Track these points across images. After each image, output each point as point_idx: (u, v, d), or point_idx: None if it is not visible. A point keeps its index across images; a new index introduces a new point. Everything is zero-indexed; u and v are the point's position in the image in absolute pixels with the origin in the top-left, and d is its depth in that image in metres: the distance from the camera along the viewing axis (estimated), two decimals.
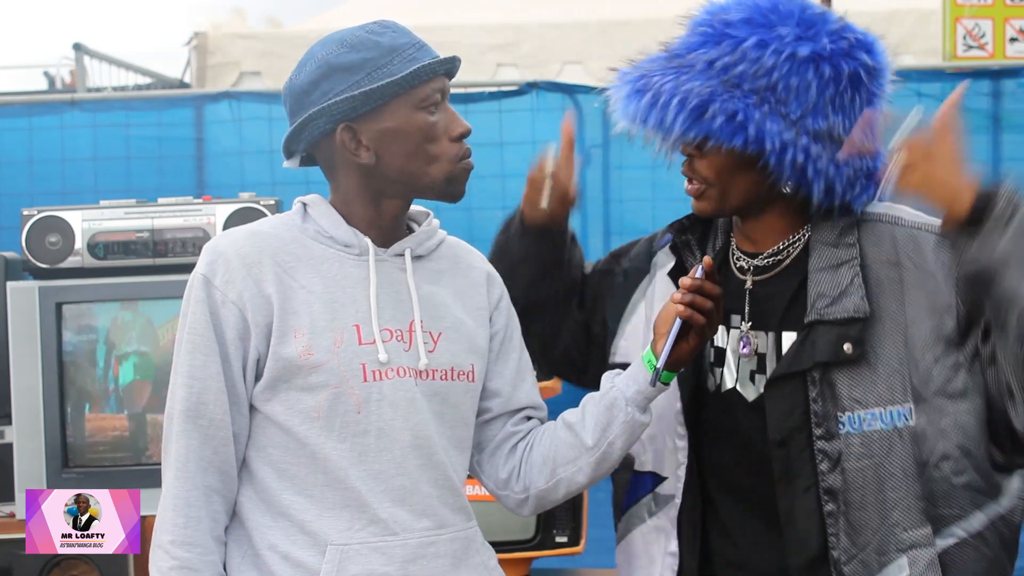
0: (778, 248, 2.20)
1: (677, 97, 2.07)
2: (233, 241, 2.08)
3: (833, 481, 2.08)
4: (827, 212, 2.16)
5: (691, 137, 2.09)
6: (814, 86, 2.08)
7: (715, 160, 2.12)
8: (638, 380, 2.15)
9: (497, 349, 2.23)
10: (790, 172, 2.09)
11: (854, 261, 2.12)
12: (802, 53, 2.08)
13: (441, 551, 2.09)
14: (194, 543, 2.03)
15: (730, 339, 2.21)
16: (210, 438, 2.04)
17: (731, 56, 2.08)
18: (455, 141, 2.09)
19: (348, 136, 2.06)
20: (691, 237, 2.27)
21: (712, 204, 2.17)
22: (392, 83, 2.03)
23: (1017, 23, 5.59)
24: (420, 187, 2.09)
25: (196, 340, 2.05)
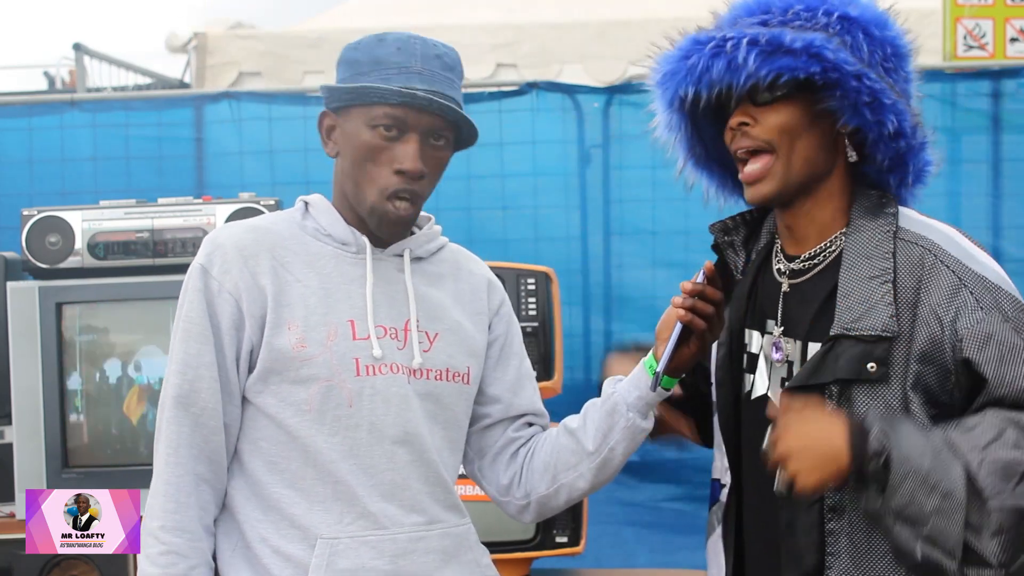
0: (815, 251, 2.13)
1: (746, 38, 2.01)
2: (232, 234, 2.10)
3: (839, 500, 2.04)
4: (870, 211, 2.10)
5: (763, 74, 2.01)
6: (866, 46, 2.06)
7: (777, 118, 2.06)
8: (639, 386, 2.14)
9: (497, 355, 2.23)
10: (866, 102, 2.02)
11: (888, 275, 2.04)
12: (852, 13, 2.06)
13: (431, 547, 2.09)
14: (183, 529, 2.03)
15: (764, 344, 2.16)
16: (201, 426, 2.05)
17: (783, 16, 2.05)
18: (396, 174, 2.06)
19: (327, 122, 2.13)
20: (736, 238, 2.23)
21: (776, 182, 2.08)
22: (347, 90, 2.06)
23: (1017, 23, 5.59)
24: (358, 201, 2.10)
25: (191, 328, 2.06)
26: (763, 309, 2.17)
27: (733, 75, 2.02)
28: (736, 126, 2.09)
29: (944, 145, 4.94)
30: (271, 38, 7.37)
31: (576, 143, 5.06)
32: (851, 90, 2.02)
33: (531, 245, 4.92)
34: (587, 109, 5.05)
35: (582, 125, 5.06)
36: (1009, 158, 4.95)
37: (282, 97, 5.01)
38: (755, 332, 2.18)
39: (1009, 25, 5.60)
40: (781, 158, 2.08)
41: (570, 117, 5.05)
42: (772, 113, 2.07)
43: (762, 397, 2.15)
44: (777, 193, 2.10)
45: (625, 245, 5.00)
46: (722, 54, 2.02)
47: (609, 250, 5.00)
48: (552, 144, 5.04)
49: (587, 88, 5.25)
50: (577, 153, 5.07)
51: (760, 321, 2.17)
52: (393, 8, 7.15)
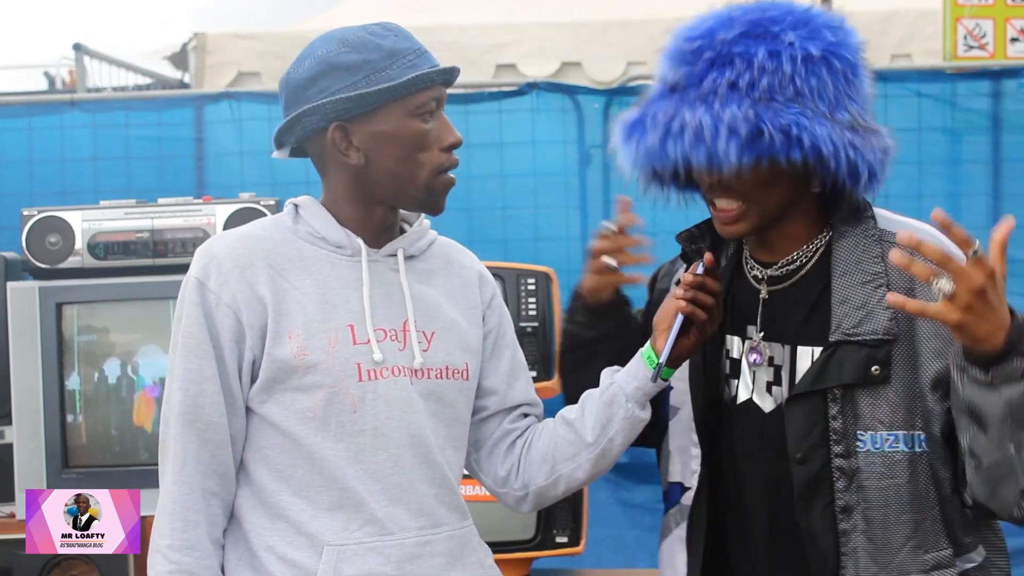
0: (793, 257, 2.16)
1: (724, 126, 2.00)
2: (226, 244, 2.08)
3: (849, 499, 2.07)
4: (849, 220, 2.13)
5: (745, 163, 2.02)
6: (830, 82, 2.05)
7: (748, 182, 2.07)
8: (638, 376, 2.15)
9: (491, 347, 2.23)
10: (845, 169, 2.04)
11: (881, 279, 2.08)
12: (814, 52, 2.05)
13: (437, 550, 2.09)
14: (192, 547, 2.03)
15: (745, 350, 2.19)
16: (207, 441, 2.04)
17: (750, 73, 2.03)
18: (444, 151, 2.09)
19: (339, 135, 2.06)
20: (703, 245, 2.24)
21: (750, 223, 2.11)
22: (390, 88, 2.02)
23: (1018, 23, 5.58)
24: (404, 194, 2.09)
25: (191, 344, 2.05)
26: (742, 314, 2.18)
27: (714, 164, 2.03)
28: (711, 183, 2.10)
29: (944, 145, 4.94)
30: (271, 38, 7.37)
31: (576, 143, 5.06)
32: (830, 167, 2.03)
33: (531, 245, 4.91)
34: (587, 109, 5.04)
35: (582, 125, 5.05)
36: (1009, 158, 4.95)
37: None
38: (736, 338, 2.20)
39: (1009, 25, 5.60)
40: (756, 205, 2.10)
41: (570, 117, 5.05)
42: (742, 179, 2.07)
43: (747, 402, 2.18)
44: (753, 230, 2.14)
45: None
46: (700, 143, 2.02)
47: None
48: (552, 144, 5.04)
49: (587, 88, 5.25)
50: (577, 153, 5.07)
51: (740, 327, 2.19)
52: (393, 8, 7.15)
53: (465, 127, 4.93)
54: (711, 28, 2.08)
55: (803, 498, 2.10)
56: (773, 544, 2.16)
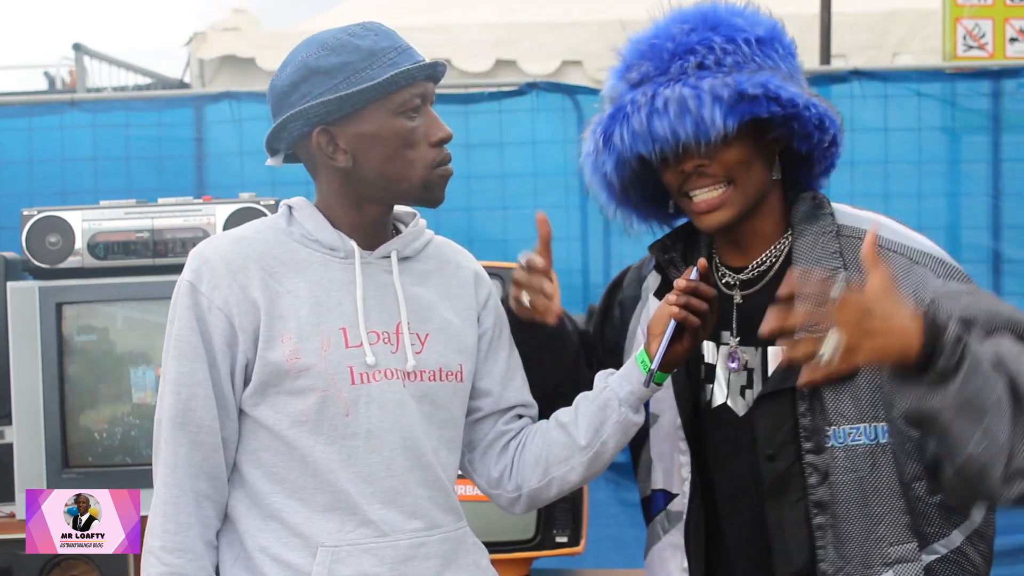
0: (762, 259, 2.20)
1: (707, 94, 2.06)
2: (218, 247, 2.08)
3: (823, 494, 2.09)
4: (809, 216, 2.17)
5: (730, 126, 2.06)
6: (781, 63, 2.13)
7: (732, 154, 2.11)
8: (631, 380, 2.15)
9: (486, 348, 2.23)
10: (814, 127, 2.10)
11: (839, 273, 2.10)
12: (761, 34, 2.12)
13: (432, 552, 2.09)
14: (184, 549, 2.03)
15: (720, 355, 2.21)
16: (199, 444, 2.05)
17: (714, 55, 2.09)
18: (434, 146, 2.07)
19: (324, 139, 2.06)
20: (675, 254, 2.27)
21: (734, 208, 2.14)
22: (369, 88, 2.02)
23: (1017, 23, 5.59)
24: (398, 192, 2.09)
25: (183, 347, 2.05)
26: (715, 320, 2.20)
27: (701, 132, 2.07)
28: (692, 169, 2.13)
29: (944, 145, 4.94)
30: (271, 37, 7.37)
31: (576, 143, 5.03)
32: (805, 120, 2.09)
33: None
34: (587, 109, 5.04)
35: (582, 125, 5.03)
36: (1009, 158, 4.95)
37: None
38: (710, 343, 2.22)
39: (1009, 25, 5.60)
40: (739, 187, 2.14)
41: (570, 117, 5.05)
42: (726, 151, 2.11)
43: (722, 406, 2.20)
44: (734, 219, 2.16)
45: (625, 245, 4.99)
46: (687, 114, 2.06)
47: (609, 250, 4.99)
48: (552, 144, 5.04)
49: (587, 88, 5.24)
50: (577, 153, 5.04)
51: (714, 332, 2.20)
52: (393, 8, 7.15)
53: (465, 127, 4.94)
54: (664, 27, 2.15)
55: (772, 494, 2.12)
56: (748, 545, 2.18)
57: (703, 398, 2.23)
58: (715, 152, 2.11)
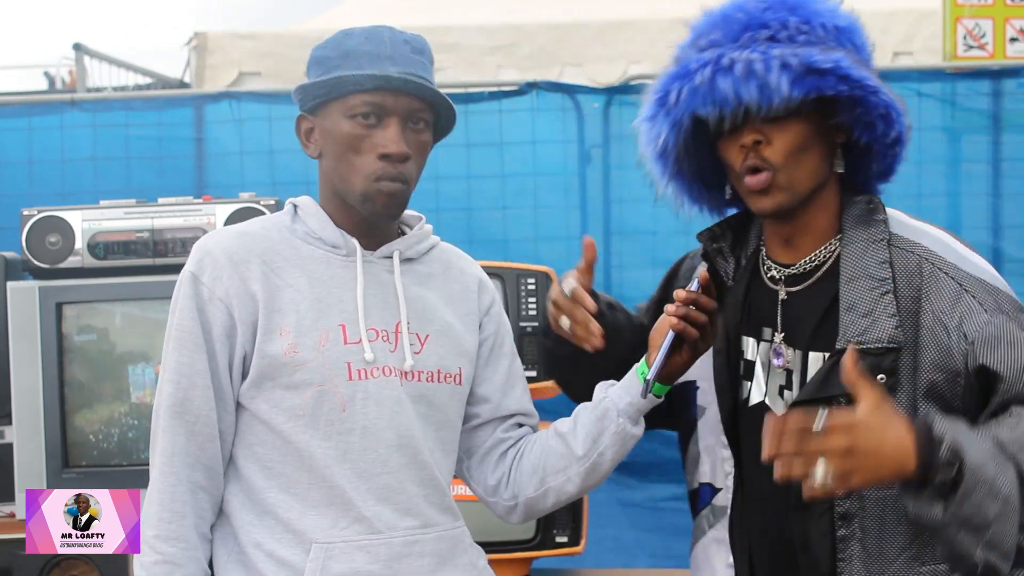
0: (812, 258, 2.14)
1: (776, 60, 2.00)
2: (221, 240, 2.10)
3: (849, 506, 2.05)
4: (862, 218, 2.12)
5: (794, 96, 2.00)
6: (856, 52, 2.07)
7: (789, 136, 2.05)
8: (631, 392, 2.15)
9: (487, 355, 2.23)
10: (879, 113, 2.04)
11: (887, 285, 2.05)
12: (842, 24, 2.07)
13: (426, 550, 2.09)
14: (178, 538, 2.03)
15: (760, 352, 2.16)
16: (196, 434, 2.05)
17: (787, 32, 2.04)
18: (379, 159, 2.06)
19: (305, 125, 2.13)
20: (724, 244, 2.22)
21: (785, 195, 2.08)
22: (319, 83, 2.06)
23: (1017, 23, 5.58)
24: (345, 194, 2.10)
25: (183, 337, 2.06)
26: (758, 316, 2.17)
27: (765, 98, 2.01)
28: (751, 144, 2.07)
29: (944, 145, 4.94)
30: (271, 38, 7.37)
31: (576, 143, 5.06)
32: (871, 105, 2.03)
33: (531, 245, 4.91)
34: (587, 109, 5.04)
35: (582, 125, 5.05)
36: (1009, 158, 4.95)
37: (282, 97, 4.99)
38: (751, 339, 2.18)
39: (1009, 25, 5.60)
40: (786, 173, 2.07)
41: (570, 117, 5.05)
42: (783, 131, 2.06)
43: (760, 404, 2.15)
44: (789, 203, 2.10)
45: (625, 245, 4.99)
46: (753, 77, 2.00)
47: (609, 250, 4.99)
48: (552, 144, 5.04)
49: (587, 88, 5.24)
50: (577, 153, 5.06)
51: (756, 328, 2.17)
52: (393, 8, 7.15)
53: (465, 127, 4.94)
54: (740, 2, 2.09)
55: (799, 504, 2.06)
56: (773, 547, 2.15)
57: (740, 395, 2.19)
58: (775, 129, 2.05)
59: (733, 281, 2.21)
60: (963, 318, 2.02)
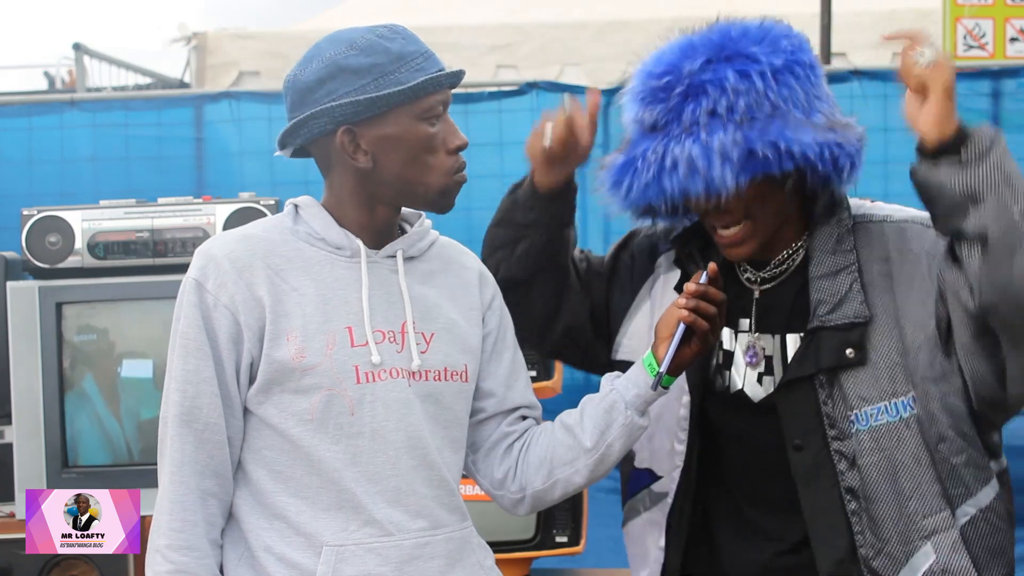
0: (782, 258, 2.24)
1: (716, 154, 2.07)
2: (224, 244, 2.08)
3: (852, 480, 2.14)
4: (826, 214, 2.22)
5: (742, 183, 2.09)
6: (799, 88, 2.13)
7: (752, 192, 2.12)
8: (638, 383, 2.15)
9: (490, 349, 2.23)
10: (831, 168, 2.12)
11: (852, 267, 2.17)
12: (778, 63, 2.12)
13: (437, 551, 2.09)
14: (190, 547, 2.03)
15: (738, 343, 2.24)
16: (205, 442, 2.04)
17: (726, 98, 2.09)
18: (452, 154, 2.09)
19: (348, 139, 2.06)
20: (693, 249, 2.29)
21: (756, 241, 2.19)
22: (398, 92, 2.02)
23: (1017, 23, 5.59)
24: (413, 195, 2.10)
25: (189, 344, 2.05)
26: (732, 308, 2.22)
27: (711, 191, 2.09)
28: (711, 208, 2.16)
29: None
30: (271, 38, 7.38)
31: None
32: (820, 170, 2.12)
33: None
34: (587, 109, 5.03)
35: None
36: None
37: (282, 97, 4.98)
38: (728, 329, 2.25)
39: (1009, 25, 5.60)
40: (759, 221, 2.18)
41: None
42: (737, 199, 2.12)
43: (739, 392, 2.24)
44: (760, 248, 2.21)
45: None
46: (696, 174, 2.08)
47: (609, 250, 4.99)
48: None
49: (587, 88, 5.24)
50: None
51: (732, 319, 2.24)
52: (393, 8, 7.15)
53: (465, 127, 4.88)
54: (674, 62, 2.14)
55: (804, 484, 2.16)
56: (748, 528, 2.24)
57: (720, 383, 2.25)
58: (730, 198, 2.12)
59: None
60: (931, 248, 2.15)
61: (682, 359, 2.13)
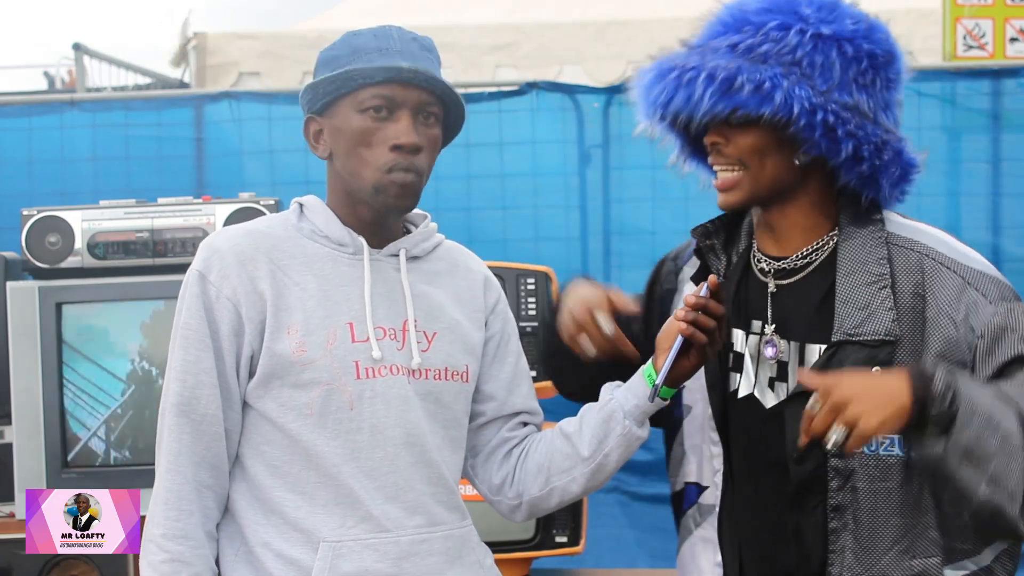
0: (803, 252, 2.17)
1: (704, 72, 2.06)
2: (229, 238, 2.09)
3: (842, 499, 2.08)
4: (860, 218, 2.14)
5: (719, 110, 2.07)
6: (838, 64, 2.08)
7: (746, 140, 2.10)
8: (637, 394, 2.14)
9: (493, 353, 2.23)
10: (821, 134, 2.06)
11: (885, 280, 2.09)
12: (825, 32, 2.08)
13: (434, 548, 2.09)
14: (186, 536, 2.03)
15: (748, 344, 2.19)
16: (202, 433, 2.05)
17: (753, 38, 2.09)
18: (391, 151, 2.06)
19: (313, 127, 2.12)
20: (716, 241, 2.25)
21: (743, 193, 2.14)
22: (331, 79, 2.06)
23: (1017, 23, 5.58)
24: (358, 192, 2.09)
25: (190, 335, 2.06)
26: (747, 309, 2.19)
27: (692, 108, 2.08)
28: (710, 144, 2.15)
29: (944, 144, 4.95)
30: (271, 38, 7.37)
31: (576, 143, 5.06)
32: (803, 127, 2.06)
33: (531, 245, 4.92)
34: (587, 109, 5.04)
35: (582, 125, 5.06)
36: (1009, 157, 4.95)
37: (282, 97, 5.00)
38: (739, 331, 2.21)
39: (1009, 25, 5.60)
40: (751, 174, 2.13)
41: (570, 117, 5.05)
42: (743, 135, 2.11)
43: (748, 397, 2.18)
44: (744, 202, 2.17)
45: (625, 245, 5.00)
46: (681, 88, 2.09)
47: (609, 250, 5.00)
48: (552, 144, 5.04)
49: (587, 88, 5.25)
50: (577, 153, 5.07)
51: (745, 320, 2.20)
52: (392, 8, 7.15)
53: (465, 127, 4.93)
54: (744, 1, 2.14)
55: (796, 496, 2.11)
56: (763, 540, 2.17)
57: (729, 387, 2.21)
58: (735, 132, 2.11)
59: (725, 277, 2.23)
60: (969, 311, 2.06)
61: (680, 371, 2.12)
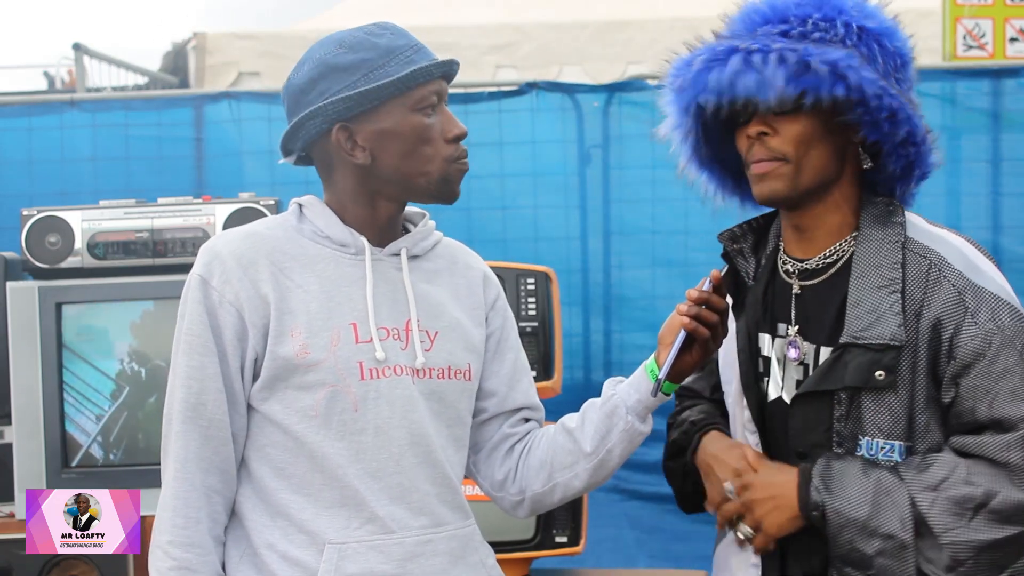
0: (827, 253, 2.16)
1: (774, 54, 2.02)
2: (229, 242, 2.09)
3: None
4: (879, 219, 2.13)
5: (790, 93, 2.03)
6: (880, 58, 2.08)
7: (794, 128, 2.08)
8: (640, 389, 2.14)
9: (493, 349, 2.23)
10: (885, 116, 2.04)
11: (896, 285, 2.07)
12: (869, 25, 2.09)
13: (439, 549, 2.09)
14: (193, 543, 2.03)
15: (775, 347, 2.19)
16: (210, 438, 2.05)
17: (802, 28, 2.06)
18: (450, 143, 2.09)
19: (344, 136, 2.07)
20: (744, 245, 2.24)
21: (784, 182, 2.10)
22: (388, 84, 2.03)
23: (1017, 23, 5.58)
24: (415, 188, 2.10)
25: (194, 341, 2.05)
26: (774, 312, 2.19)
27: (760, 91, 2.04)
28: (755, 135, 2.10)
29: (944, 144, 4.94)
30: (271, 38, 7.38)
31: (576, 143, 5.06)
32: (872, 108, 2.04)
33: (531, 245, 4.92)
34: (587, 109, 5.04)
35: (582, 125, 5.05)
36: (1009, 157, 4.95)
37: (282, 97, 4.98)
38: (766, 335, 2.20)
39: (1009, 25, 5.60)
40: (793, 165, 2.10)
41: (570, 117, 5.05)
42: (791, 124, 2.08)
43: (777, 400, 2.18)
44: (785, 195, 2.12)
45: (625, 245, 5.00)
46: (750, 69, 2.03)
47: (609, 250, 5.00)
48: (552, 144, 5.04)
49: (587, 88, 5.25)
50: (577, 153, 5.07)
51: (771, 324, 2.19)
52: (392, 8, 7.15)
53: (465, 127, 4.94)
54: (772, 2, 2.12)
55: None
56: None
57: (762, 390, 2.20)
58: (782, 122, 2.08)
59: (753, 280, 2.22)
60: (957, 328, 2.05)
61: (683, 366, 2.11)
